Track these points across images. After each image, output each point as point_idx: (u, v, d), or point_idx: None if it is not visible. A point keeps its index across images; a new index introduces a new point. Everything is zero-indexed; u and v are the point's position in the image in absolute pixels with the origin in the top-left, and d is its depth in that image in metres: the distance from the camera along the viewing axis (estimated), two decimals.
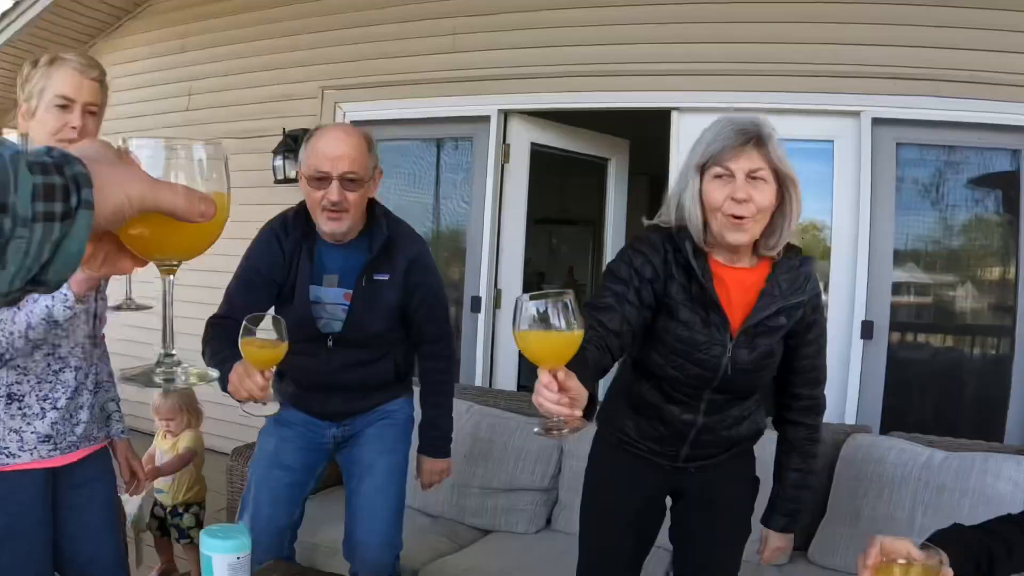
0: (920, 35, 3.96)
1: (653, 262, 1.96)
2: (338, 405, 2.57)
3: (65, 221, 0.63)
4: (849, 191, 4.18)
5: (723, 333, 1.95)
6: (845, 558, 3.05)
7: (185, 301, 5.02)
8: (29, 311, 1.86)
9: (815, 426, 2.19)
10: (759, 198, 1.84)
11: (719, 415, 2.08)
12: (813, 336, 2.07)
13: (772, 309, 1.96)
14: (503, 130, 4.85)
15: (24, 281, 0.64)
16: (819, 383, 2.16)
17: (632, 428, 2.16)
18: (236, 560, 1.60)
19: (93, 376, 2.17)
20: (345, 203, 2.29)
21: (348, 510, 2.61)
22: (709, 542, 2.26)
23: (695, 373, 1.98)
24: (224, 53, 5.82)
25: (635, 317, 1.91)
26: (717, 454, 2.17)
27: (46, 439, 2.04)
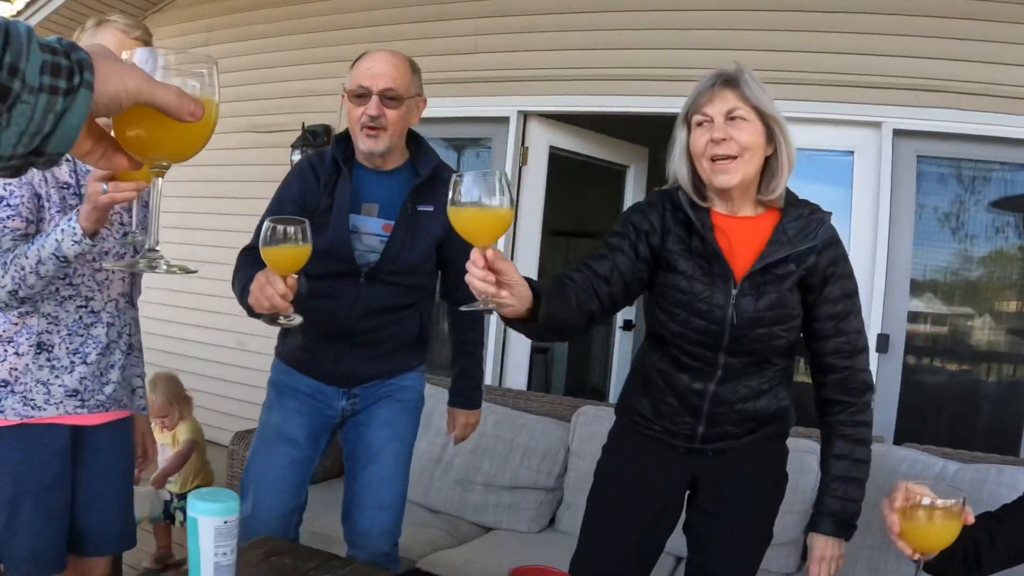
0: (942, 47, 3.93)
1: (650, 218, 1.98)
2: (352, 364, 2.44)
3: (68, 97, 0.71)
4: (869, 202, 4.13)
5: (726, 283, 1.90)
6: (855, 569, 2.98)
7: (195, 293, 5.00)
8: (40, 245, 1.85)
9: (855, 405, 2.00)
10: (740, 136, 1.85)
11: (732, 384, 1.97)
12: (835, 294, 1.96)
13: (779, 255, 1.89)
14: (522, 132, 4.83)
15: (27, 149, 0.72)
16: (854, 353, 1.99)
17: (647, 407, 2.08)
18: (223, 524, 1.55)
19: (127, 337, 2.17)
20: (384, 120, 2.27)
21: (349, 494, 2.52)
22: (723, 542, 2.10)
23: (700, 327, 1.92)
24: (246, 48, 5.85)
25: (627, 267, 1.92)
26: (736, 434, 2.03)
27: (73, 394, 2.04)
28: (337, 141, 2.40)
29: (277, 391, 2.52)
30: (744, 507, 2.08)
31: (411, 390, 2.56)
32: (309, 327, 2.37)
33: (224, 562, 1.56)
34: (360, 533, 2.47)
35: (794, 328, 1.96)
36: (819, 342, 1.99)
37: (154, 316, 6.64)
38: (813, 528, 2.01)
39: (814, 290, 1.95)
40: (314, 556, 1.91)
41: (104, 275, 2.07)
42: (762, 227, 1.94)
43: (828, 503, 1.98)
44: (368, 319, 2.39)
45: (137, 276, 2.21)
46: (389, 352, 2.47)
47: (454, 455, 3.53)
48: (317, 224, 2.25)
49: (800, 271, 1.92)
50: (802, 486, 3.09)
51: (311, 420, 2.47)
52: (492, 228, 1.46)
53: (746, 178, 1.88)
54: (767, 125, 1.89)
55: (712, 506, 2.10)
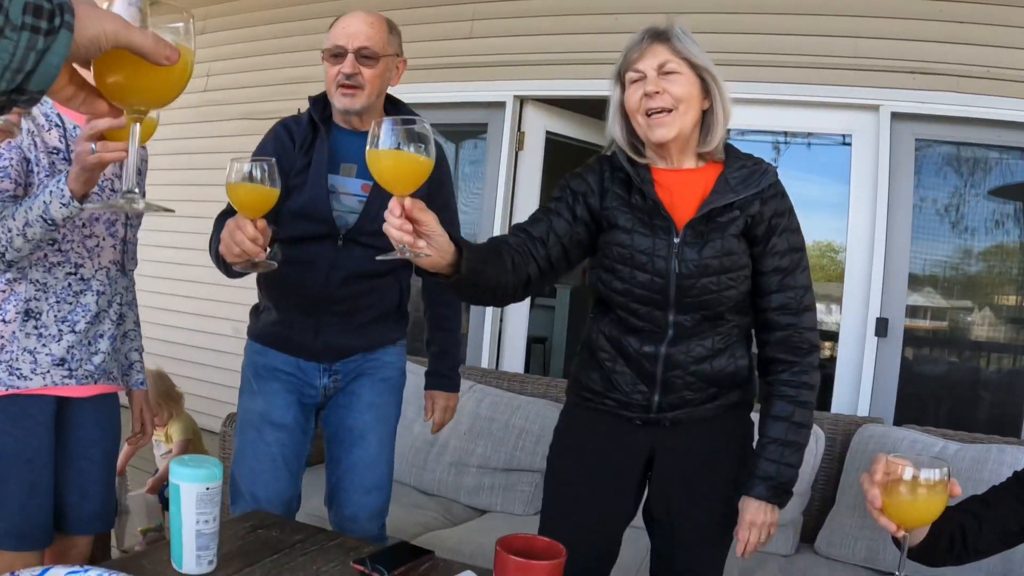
0: (940, 30, 3.91)
1: (587, 179, 1.95)
2: (332, 336, 2.35)
3: (48, 36, 0.75)
4: (867, 185, 4.11)
5: (668, 234, 1.86)
6: (854, 549, 2.96)
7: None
8: (28, 207, 1.82)
9: (798, 365, 1.91)
10: (674, 89, 1.83)
11: (685, 344, 1.89)
12: (781, 246, 1.90)
13: (722, 203, 1.85)
14: (518, 117, 4.79)
15: (9, 85, 0.76)
16: (800, 311, 1.91)
17: (597, 380, 2.00)
18: (205, 491, 1.52)
19: (117, 307, 2.14)
20: (360, 78, 2.23)
21: (334, 479, 2.44)
22: (686, 524, 1.98)
23: (644, 281, 1.86)
24: (243, 35, 5.84)
25: (564, 229, 1.89)
26: (695, 400, 1.93)
27: (60, 363, 2.00)
28: (314, 102, 2.35)
29: (255, 374, 2.41)
30: (707, 485, 1.98)
31: (392, 366, 2.49)
32: (283, 298, 2.35)
33: (206, 530, 1.53)
34: (348, 518, 2.41)
35: (743, 279, 1.89)
36: (764, 297, 1.92)
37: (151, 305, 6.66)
38: (746, 492, 1.90)
39: (759, 241, 1.89)
40: (302, 530, 1.87)
41: (95, 242, 2.04)
42: (704, 178, 1.91)
43: (763, 466, 1.89)
44: (346, 286, 2.31)
45: (130, 244, 2.17)
46: (369, 323, 2.40)
47: (448, 437, 3.49)
48: (292, 185, 2.22)
49: (745, 217, 1.86)
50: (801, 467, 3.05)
51: (296, 401, 2.38)
52: (410, 176, 1.43)
53: (683, 131, 1.85)
54: (701, 78, 1.87)
55: (672, 485, 2.00)
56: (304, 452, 2.42)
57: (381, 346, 2.45)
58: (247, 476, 2.33)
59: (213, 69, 5.95)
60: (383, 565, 1.60)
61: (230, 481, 2.37)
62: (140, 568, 1.54)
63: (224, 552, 1.64)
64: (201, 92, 5.89)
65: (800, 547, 3.13)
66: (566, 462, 2.07)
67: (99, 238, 2.04)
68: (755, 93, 4.21)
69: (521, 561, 1.42)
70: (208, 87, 5.89)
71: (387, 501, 2.48)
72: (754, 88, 4.18)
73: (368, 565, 1.60)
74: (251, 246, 1.74)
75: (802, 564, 2.97)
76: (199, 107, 5.85)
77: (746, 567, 2.89)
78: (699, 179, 1.91)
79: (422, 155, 1.42)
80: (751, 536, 1.89)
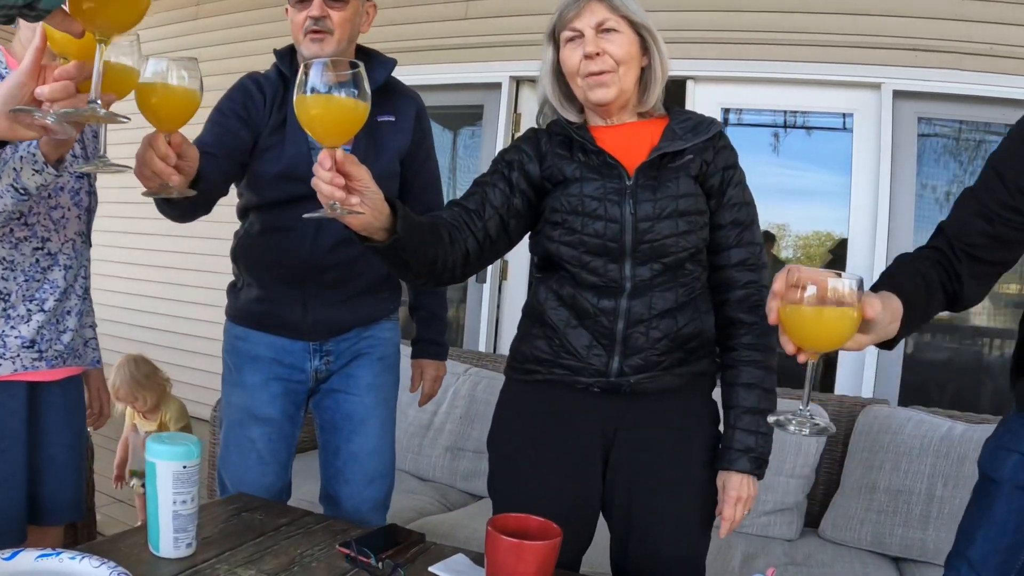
0: (942, 7, 3.86)
1: (523, 148, 1.83)
2: (324, 311, 2.17)
3: None
4: (869, 164, 4.06)
5: (620, 179, 1.74)
6: (859, 533, 2.89)
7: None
8: None
9: (759, 327, 1.80)
10: (613, 49, 1.73)
11: (646, 297, 1.73)
12: (738, 198, 1.80)
13: (672, 148, 1.74)
14: (515, 98, 4.74)
15: (24, 2, 0.92)
16: (759, 267, 1.81)
17: (544, 347, 1.81)
18: (182, 469, 1.45)
19: (82, 280, 2.04)
20: (328, 23, 2.05)
21: (332, 470, 2.27)
22: (651, 498, 1.79)
23: (598, 229, 1.72)
24: (236, 20, 5.78)
25: (500, 200, 1.77)
26: (659, 363, 1.75)
27: (30, 345, 1.89)
28: (280, 55, 2.19)
29: (235, 363, 2.23)
30: (680, 469, 1.80)
31: (389, 343, 2.33)
32: (265, 271, 2.17)
33: (184, 511, 1.46)
34: (350, 512, 2.24)
35: (702, 225, 1.77)
36: (722, 253, 1.81)
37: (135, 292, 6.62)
38: (726, 466, 1.77)
39: (715, 193, 1.80)
40: (287, 513, 1.81)
41: (60, 213, 1.93)
42: (649, 130, 1.81)
43: (742, 438, 1.76)
44: (335, 252, 2.13)
45: (92, 213, 2.07)
46: (362, 292, 2.23)
47: (444, 422, 3.42)
48: (266, 145, 2.09)
49: (700, 161, 1.77)
50: (804, 449, 3.00)
51: (281, 393, 2.20)
52: (342, 124, 1.29)
53: (624, 91, 1.76)
54: (640, 35, 1.77)
55: (635, 466, 1.80)
56: (293, 441, 2.27)
57: (376, 320, 2.29)
58: (233, 472, 2.20)
59: (204, 55, 5.88)
60: (370, 548, 1.53)
61: (217, 476, 2.28)
62: (116, 551, 1.47)
63: (205, 535, 1.58)
64: None
65: (804, 531, 3.06)
66: (515, 447, 1.87)
67: (65, 209, 1.94)
68: (755, 72, 4.16)
69: (513, 542, 1.35)
70: (201, 73, 5.85)
71: (391, 489, 2.34)
72: (754, 67, 4.14)
73: (354, 548, 1.53)
74: (160, 165, 1.39)
75: (806, 548, 2.91)
76: None
77: (749, 551, 2.83)
78: (644, 131, 1.81)
79: (357, 100, 1.27)
80: (737, 512, 1.77)
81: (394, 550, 1.57)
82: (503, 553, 1.36)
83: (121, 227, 6.39)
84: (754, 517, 3.00)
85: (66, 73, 1.25)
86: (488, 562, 1.38)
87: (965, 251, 1.49)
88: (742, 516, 1.78)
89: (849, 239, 4.12)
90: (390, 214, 1.46)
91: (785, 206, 5.55)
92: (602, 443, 1.81)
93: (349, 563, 1.53)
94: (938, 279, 1.48)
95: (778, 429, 1.33)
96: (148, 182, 1.43)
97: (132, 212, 6.18)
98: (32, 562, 1.32)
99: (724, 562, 2.74)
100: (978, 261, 1.49)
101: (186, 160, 1.45)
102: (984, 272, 1.50)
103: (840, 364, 4.05)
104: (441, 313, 2.51)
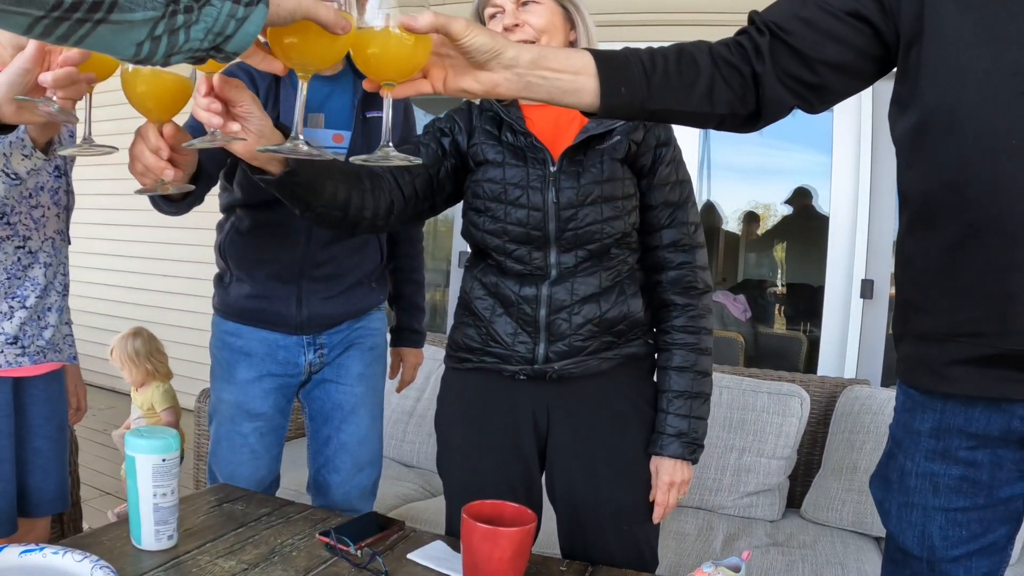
0: None
1: (455, 118, 1.83)
2: (317, 305, 2.16)
3: (248, 7, 0.92)
4: (850, 148, 4.07)
5: (543, 165, 1.73)
6: (841, 513, 2.92)
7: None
8: None
9: (695, 308, 1.79)
10: (534, 20, 1.72)
11: (569, 282, 1.73)
12: (671, 178, 1.78)
13: (600, 129, 1.72)
14: None
15: (210, 44, 0.92)
16: (693, 247, 1.80)
17: (474, 336, 1.83)
18: (161, 462, 1.46)
19: (62, 277, 2.05)
20: None
21: (321, 459, 2.27)
22: (593, 488, 1.78)
23: (521, 217, 1.72)
24: None
25: (431, 159, 1.77)
26: (584, 348, 1.75)
27: (13, 341, 1.90)
28: None
29: (227, 359, 2.21)
30: (616, 455, 1.79)
31: (378, 333, 2.34)
32: (258, 267, 2.16)
33: (164, 504, 1.47)
34: (339, 500, 2.25)
35: (630, 210, 1.75)
36: (654, 234, 1.80)
37: (121, 284, 6.62)
38: (658, 451, 1.76)
39: (646, 173, 1.78)
40: (268, 502, 1.82)
41: (41, 212, 1.95)
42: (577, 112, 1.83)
43: (673, 422, 1.76)
44: (329, 248, 2.14)
45: (70, 212, 2.08)
46: (354, 285, 2.23)
47: (427, 408, 3.44)
48: None
49: (628, 142, 1.74)
50: (786, 430, 3.02)
51: (274, 388, 2.19)
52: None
53: None
54: (563, 7, 1.77)
55: (571, 455, 1.80)
56: (283, 433, 2.27)
57: (367, 311, 2.29)
58: (224, 467, 2.20)
59: None
60: (349, 537, 1.54)
61: (208, 471, 2.28)
62: (98, 545, 1.48)
63: (187, 527, 1.60)
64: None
65: (786, 512, 3.10)
66: (456, 432, 1.89)
67: (45, 208, 1.95)
68: None
69: (488, 528, 1.36)
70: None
71: (379, 476, 2.35)
72: None
73: (334, 537, 1.55)
74: (151, 159, 1.35)
75: (788, 529, 2.94)
76: None
77: (731, 532, 2.86)
78: (574, 111, 1.82)
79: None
80: (671, 498, 1.77)
81: (374, 538, 1.59)
82: (479, 540, 1.37)
83: (102, 219, 6.38)
84: (736, 498, 3.04)
85: (70, 59, 1.26)
86: (464, 549, 1.40)
87: (775, 33, 1.31)
88: (676, 501, 1.78)
89: (831, 218, 4.13)
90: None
91: (768, 185, 5.57)
92: (535, 429, 1.82)
93: (329, 551, 1.54)
94: (710, 58, 1.33)
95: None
96: (142, 178, 1.39)
97: (112, 204, 6.20)
98: (16, 558, 1.33)
99: (706, 543, 2.77)
100: (790, 50, 1.30)
101: (181, 153, 1.40)
102: (795, 70, 1.30)
103: (823, 345, 4.08)
104: (420, 302, 2.53)
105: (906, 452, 1.35)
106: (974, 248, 1.17)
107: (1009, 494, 1.26)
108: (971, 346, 1.20)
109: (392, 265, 2.45)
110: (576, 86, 1.27)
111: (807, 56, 1.28)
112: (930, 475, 1.30)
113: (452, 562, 1.53)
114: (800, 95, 1.33)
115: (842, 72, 1.30)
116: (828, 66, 1.29)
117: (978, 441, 1.25)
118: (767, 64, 1.30)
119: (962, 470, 1.27)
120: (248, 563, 1.47)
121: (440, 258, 5.63)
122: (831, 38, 1.27)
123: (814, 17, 1.28)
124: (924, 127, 1.21)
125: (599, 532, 1.78)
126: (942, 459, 1.29)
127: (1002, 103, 1.12)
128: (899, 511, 1.36)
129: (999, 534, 1.29)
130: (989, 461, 1.25)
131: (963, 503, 1.28)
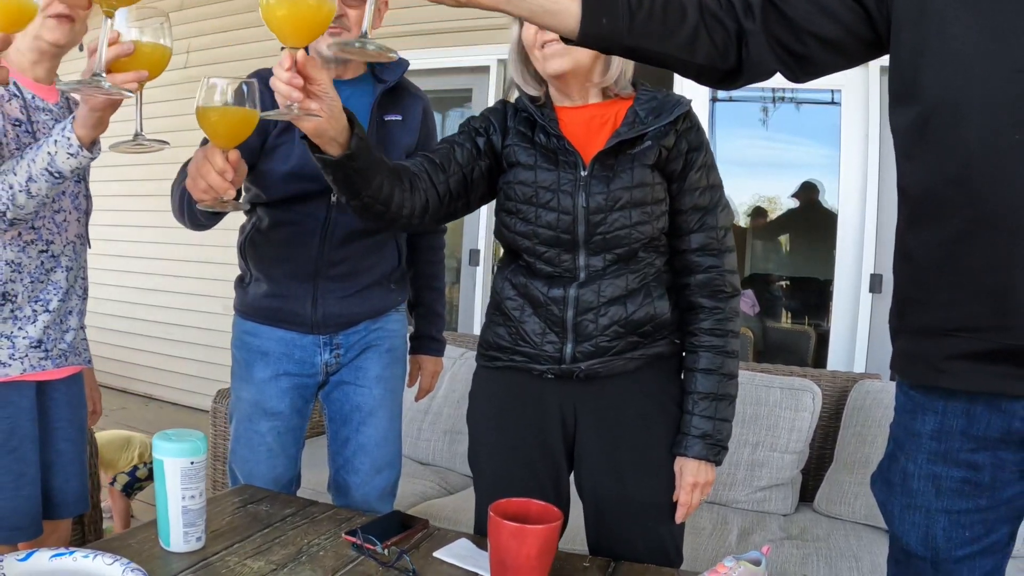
0: None
1: (491, 118, 1.86)
2: (333, 304, 2.17)
3: None
4: (857, 142, 4.07)
5: (574, 168, 1.75)
6: (853, 507, 2.93)
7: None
8: (30, 160, 1.69)
9: (722, 311, 1.80)
10: None
11: (596, 284, 1.76)
12: (701, 183, 1.79)
13: (632, 134, 1.73)
14: (503, 81, 4.75)
15: None
16: (722, 252, 1.81)
17: (504, 335, 1.86)
18: (190, 465, 1.48)
19: (82, 281, 2.07)
20: (347, 20, 2.02)
21: (340, 460, 2.28)
22: (619, 485, 1.80)
23: (551, 220, 1.75)
24: (223, 10, 5.74)
25: (465, 158, 1.80)
26: (610, 348, 1.78)
27: (37, 344, 1.92)
28: None
29: (245, 358, 2.23)
30: (642, 452, 1.80)
31: (397, 335, 2.35)
32: (274, 266, 2.18)
33: (192, 506, 1.50)
34: (359, 501, 2.26)
35: (659, 215, 1.77)
36: (683, 237, 1.81)
37: (138, 286, 6.64)
38: (682, 452, 1.78)
39: (676, 178, 1.79)
40: (292, 503, 1.85)
41: (63, 216, 1.97)
42: (612, 112, 1.81)
43: (699, 424, 1.78)
44: (344, 247, 2.15)
45: (88, 215, 2.10)
46: (371, 285, 2.24)
47: (442, 406, 3.46)
48: (274, 144, 2.09)
49: (658, 148, 1.75)
50: (798, 425, 3.04)
51: (290, 387, 2.21)
52: (307, 23, 1.32)
53: (580, 63, 1.74)
54: None
55: (598, 453, 1.82)
56: (301, 434, 2.29)
57: (384, 312, 2.30)
58: (243, 465, 2.23)
59: (193, 45, 5.88)
60: (375, 536, 1.56)
61: (228, 470, 2.31)
62: (127, 547, 1.50)
63: (213, 528, 1.62)
64: (182, 69, 5.83)
65: (799, 506, 3.11)
66: (486, 428, 1.93)
67: (66, 212, 1.97)
68: None
69: (516, 526, 1.38)
70: (188, 63, 5.82)
71: (398, 477, 2.36)
72: None
73: (360, 536, 1.57)
74: (217, 179, 1.51)
75: (802, 522, 2.95)
76: (180, 84, 5.77)
77: (745, 526, 2.88)
78: (607, 113, 1.81)
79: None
80: (694, 498, 1.79)
81: (399, 537, 1.61)
82: (506, 538, 1.39)
83: (119, 220, 6.40)
84: (750, 492, 3.05)
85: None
86: (491, 547, 1.42)
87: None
88: (699, 502, 1.80)
89: (839, 212, 4.14)
90: (347, 129, 1.49)
91: (775, 179, 5.56)
92: (563, 428, 1.84)
93: (356, 551, 1.57)
94: (698, 7, 1.33)
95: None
96: (203, 195, 1.54)
97: (129, 205, 6.22)
98: (47, 562, 1.36)
99: (721, 537, 2.79)
100: (781, 16, 1.32)
101: (240, 175, 1.56)
102: (783, 36, 1.33)
103: (832, 339, 4.09)
104: (441, 310, 2.54)
105: (908, 454, 1.35)
106: (975, 243, 1.17)
107: (1011, 494, 1.27)
108: (969, 341, 1.21)
109: (412, 271, 2.46)
110: (559, 7, 1.28)
111: (797, 25, 1.30)
112: (932, 477, 1.31)
113: (478, 559, 1.55)
114: (784, 62, 1.35)
115: (829, 46, 1.32)
116: (816, 38, 1.31)
117: (979, 443, 1.26)
118: (756, 23, 1.32)
119: (964, 472, 1.28)
120: (277, 563, 1.49)
121: (450, 256, 5.65)
122: (823, 11, 1.29)
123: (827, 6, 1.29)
124: (927, 121, 1.22)
125: (625, 529, 1.80)
126: (944, 461, 1.30)
127: (1007, 99, 1.13)
128: (902, 513, 1.37)
129: (1002, 533, 1.30)
130: (991, 463, 1.26)
131: (966, 505, 1.29)
